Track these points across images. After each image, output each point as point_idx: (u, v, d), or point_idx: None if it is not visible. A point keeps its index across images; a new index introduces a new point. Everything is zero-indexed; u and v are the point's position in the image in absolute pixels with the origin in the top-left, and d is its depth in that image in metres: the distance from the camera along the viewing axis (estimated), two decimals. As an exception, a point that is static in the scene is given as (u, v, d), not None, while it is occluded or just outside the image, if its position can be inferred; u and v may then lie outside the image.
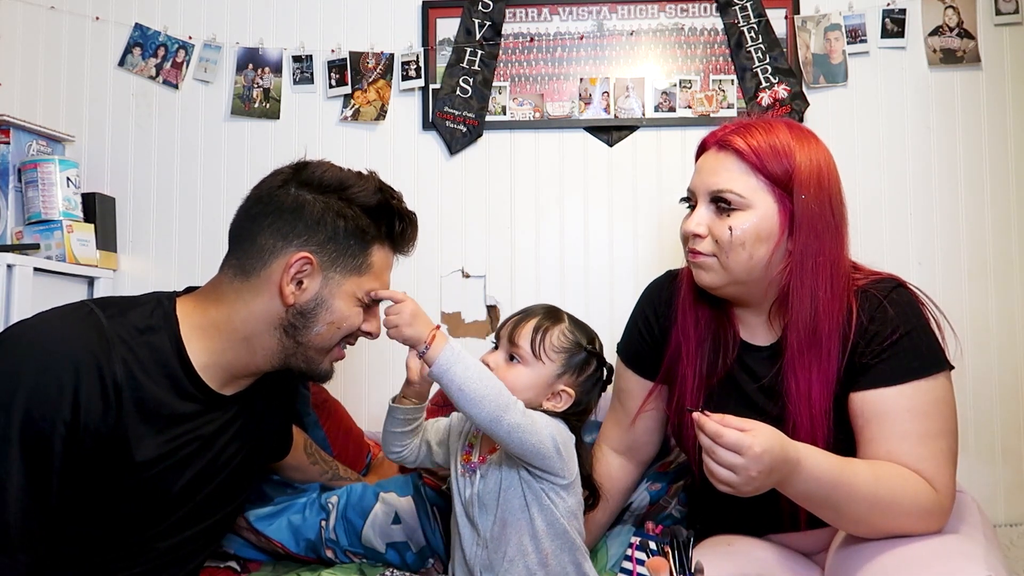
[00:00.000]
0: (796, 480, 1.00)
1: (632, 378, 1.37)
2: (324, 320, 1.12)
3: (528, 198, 2.01)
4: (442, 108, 1.99)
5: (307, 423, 1.61)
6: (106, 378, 1.00)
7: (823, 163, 1.16)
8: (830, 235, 1.15)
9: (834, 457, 1.05)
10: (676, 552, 1.03)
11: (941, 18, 1.96)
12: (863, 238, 1.94)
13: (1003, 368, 1.91)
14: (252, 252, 1.11)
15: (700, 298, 1.26)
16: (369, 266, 1.14)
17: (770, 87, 1.95)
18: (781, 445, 0.97)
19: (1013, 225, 1.93)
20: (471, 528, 1.19)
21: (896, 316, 1.13)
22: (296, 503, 1.44)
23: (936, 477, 1.07)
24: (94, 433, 0.99)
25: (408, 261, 2.00)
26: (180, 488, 1.10)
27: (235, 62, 2.02)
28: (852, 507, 1.04)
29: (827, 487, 1.02)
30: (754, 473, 0.94)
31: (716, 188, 1.15)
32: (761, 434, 0.95)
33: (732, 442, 0.94)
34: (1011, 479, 1.90)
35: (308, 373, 1.17)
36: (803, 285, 1.13)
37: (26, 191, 1.82)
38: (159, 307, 1.11)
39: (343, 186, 1.13)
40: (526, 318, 1.23)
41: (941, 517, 1.08)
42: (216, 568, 1.39)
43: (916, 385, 1.10)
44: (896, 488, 1.05)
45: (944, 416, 1.11)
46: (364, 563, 1.41)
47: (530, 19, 2.02)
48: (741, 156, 1.14)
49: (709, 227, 1.16)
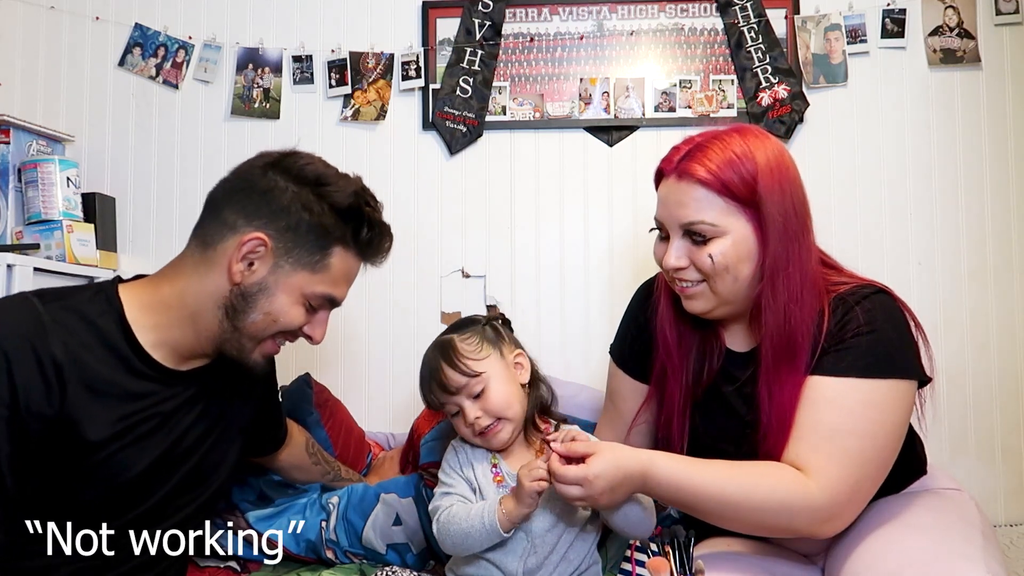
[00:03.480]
0: (648, 488, 1.07)
1: (624, 379, 1.37)
2: (262, 308, 1.10)
3: (528, 198, 2.01)
4: (442, 108, 1.99)
5: (309, 422, 1.61)
6: (43, 359, 0.99)
7: (780, 164, 1.13)
8: (796, 243, 1.12)
9: (685, 461, 1.08)
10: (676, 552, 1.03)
11: (941, 18, 1.96)
12: (863, 238, 1.96)
13: (1003, 368, 1.91)
14: (216, 224, 1.11)
15: (682, 314, 1.24)
16: (326, 266, 1.12)
17: (770, 87, 1.95)
18: (618, 466, 1.03)
19: (1013, 225, 1.94)
20: (520, 535, 1.17)
21: (864, 316, 1.10)
22: (296, 504, 1.45)
23: (822, 472, 1.03)
24: (38, 415, 0.99)
25: (408, 261, 2.02)
26: (143, 470, 1.09)
27: (235, 62, 2.02)
28: (705, 505, 1.05)
29: (676, 490, 1.05)
30: (597, 495, 1.03)
31: (687, 221, 1.12)
32: (597, 463, 1.03)
33: (572, 478, 1.03)
34: (1011, 479, 1.90)
35: (238, 360, 1.14)
36: (775, 298, 1.12)
37: (26, 191, 1.82)
38: (100, 292, 1.11)
39: (320, 181, 1.12)
40: (436, 373, 1.21)
41: (813, 514, 1.03)
42: (216, 568, 1.40)
43: (853, 382, 1.07)
44: (748, 485, 1.04)
45: (870, 420, 1.06)
46: (364, 564, 1.41)
47: (530, 19, 2.02)
48: (704, 184, 1.11)
49: (689, 258, 1.14)
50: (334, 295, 1.15)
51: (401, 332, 1.99)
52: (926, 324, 1.90)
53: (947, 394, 1.91)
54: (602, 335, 1.48)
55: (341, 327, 1.99)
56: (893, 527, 1.13)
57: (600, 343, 1.50)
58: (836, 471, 1.04)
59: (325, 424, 1.64)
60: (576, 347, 1.95)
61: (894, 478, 1.23)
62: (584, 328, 1.98)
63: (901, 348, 1.10)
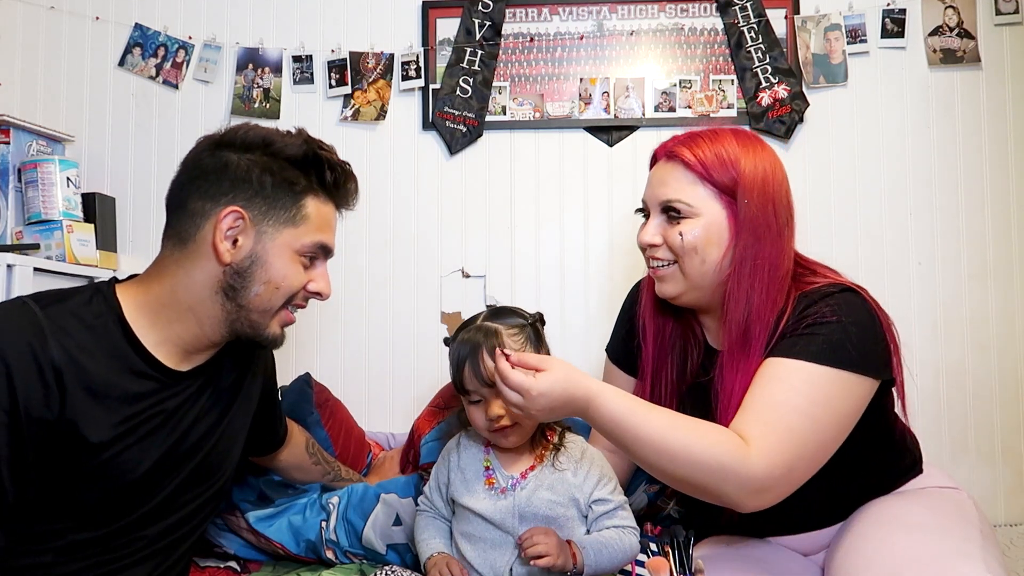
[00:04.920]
0: (588, 417, 1.05)
1: (618, 376, 1.41)
2: (260, 279, 1.10)
3: (528, 198, 2.01)
4: (442, 108, 1.99)
5: (309, 422, 1.61)
6: (43, 363, 0.99)
7: (768, 170, 1.18)
8: (771, 239, 1.16)
9: (633, 400, 1.06)
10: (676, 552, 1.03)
11: (941, 18, 1.96)
12: (863, 238, 1.96)
13: (1003, 368, 1.91)
14: (185, 218, 1.11)
15: (664, 309, 1.30)
16: (304, 217, 1.12)
17: (770, 87, 1.95)
18: (565, 389, 1.02)
19: (1013, 225, 1.94)
20: (508, 539, 1.18)
21: (825, 308, 1.11)
22: (296, 504, 1.44)
23: (762, 442, 1.02)
24: (39, 420, 0.98)
25: (408, 261, 2.02)
26: (148, 469, 1.09)
27: (235, 62, 2.02)
28: (641, 448, 1.03)
29: (616, 426, 1.03)
30: (534, 411, 1.04)
31: (665, 199, 1.20)
32: (545, 380, 1.02)
33: (515, 383, 1.03)
34: (1011, 479, 1.90)
35: (255, 339, 1.14)
36: (740, 287, 1.15)
37: (26, 191, 1.82)
38: (98, 294, 1.10)
39: (266, 143, 1.12)
40: (476, 359, 1.19)
41: (745, 481, 1.01)
42: (216, 568, 1.40)
43: (803, 364, 1.07)
44: (690, 438, 1.02)
45: (815, 403, 1.05)
46: (364, 564, 1.41)
47: (530, 19, 2.02)
48: (688, 167, 1.18)
49: (663, 236, 1.20)
50: (324, 242, 1.15)
51: (401, 332, 1.99)
52: (926, 324, 1.92)
53: (947, 394, 1.91)
54: (602, 335, 1.48)
55: (341, 327, 1.99)
56: (892, 526, 1.13)
57: (600, 343, 1.50)
58: (775, 444, 1.03)
59: (325, 424, 1.64)
60: (576, 347, 1.95)
61: (886, 475, 1.24)
62: (584, 328, 1.98)
63: (859, 343, 1.09)
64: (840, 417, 1.08)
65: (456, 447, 1.29)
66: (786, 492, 1.05)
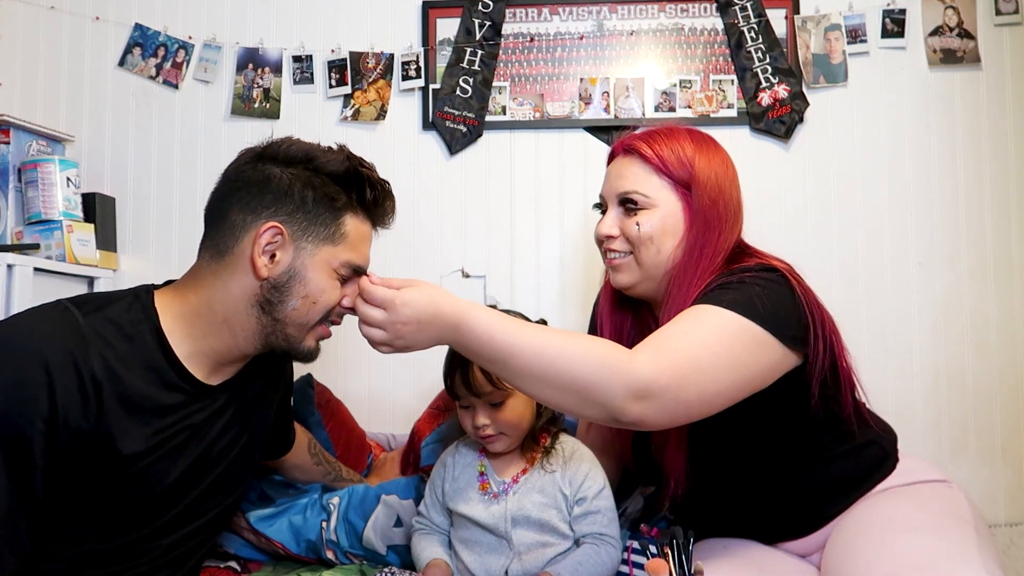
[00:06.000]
0: (461, 336, 1.01)
1: None
2: (299, 294, 1.10)
3: (528, 198, 2.01)
4: (442, 108, 1.99)
5: (311, 423, 1.61)
6: (83, 374, 0.99)
7: (720, 165, 1.24)
8: (717, 231, 1.20)
9: (507, 316, 1.05)
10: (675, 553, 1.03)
11: (941, 18, 1.96)
12: (863, 238, 1.96)
13: (1003, 368, 1.91)
14: (224, 230, 1.10)
15: (622, 305, 1.34)
16: (343, 235, 1.12)
17: (770, 87, 1.95)
18: (433, 301, 1.00)
19: (1013, 225, 1.93)
20: (503, 543, 1.19)
21: (741, 275, 1.12)
22: (297, 504, 1.45)
23: (652, 350, 1.02)
24: (75, 430, 0.98)
25: (408, 261, 2.02)
26: (174, 480, 1.09)
27: (235, 62, 2.02)
28: (519, 357, 1.00)
29: (490, 339, 1.00)
30: (400, 326, 1.00)
31: (623, 191, 1.24)
32: (410, 292, 1.00)
33: (378, 299, 1.01)
34: (1011, 479, 1.90)
35: (290, 352, 1.15)
36: (685, 273, 1.18)
37: (26, 191, 1.82)
38: (137, 301, 1.10)
39: (309, 157, 1.12)
40: (467, 370, 1.19)
41: (629, 382, 0.98)
42: (216, 568, 1.40)
43: (711, 308, 1.07)
44: (568, 340, 1.02)
45: (718, 339, 1.04)
46: (365, 564, 1.41)
47: (530, 19, 2.02)
48: (646, 160, 1.23)
49: (620, 227, 1.24)
50: (360, 263, 1.14)
51: (401, 332, 1.98)
52: (926, 324, 1.92)
53: (947, 394, 1.91)
54: (602, 335, 1.48)
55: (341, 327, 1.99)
56: (886, 527, 1.13)
57: (600, 343, 1.50)
58: (667, 355, 1.01)
59: (326, 425, 1.64)
60: (576, 347, 1.95)
61: (852, 468, 1.22)
62: (584, 328, 1.97)
63: (770, 305, 1.07)
64: (740, 365, 1.05)
65: (452, 453, 1.30)
66: (674, 412, 1.02)
